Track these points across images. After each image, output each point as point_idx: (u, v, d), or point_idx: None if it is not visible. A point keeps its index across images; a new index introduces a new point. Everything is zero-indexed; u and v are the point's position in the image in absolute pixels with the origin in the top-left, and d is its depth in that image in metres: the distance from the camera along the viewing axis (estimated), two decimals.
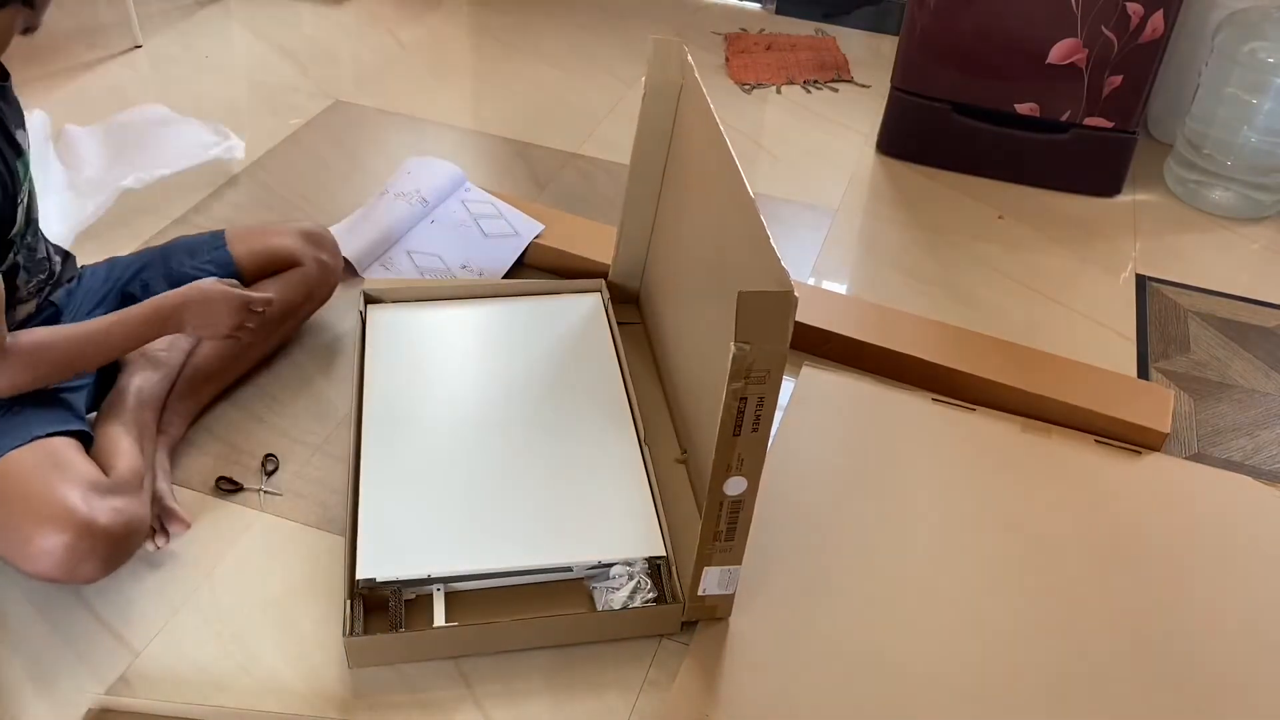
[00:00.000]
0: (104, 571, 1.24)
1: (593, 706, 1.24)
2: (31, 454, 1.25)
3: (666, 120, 1.61)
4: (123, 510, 1.26)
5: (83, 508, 1.21)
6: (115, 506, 1.25)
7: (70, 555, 1.19)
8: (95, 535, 1.21)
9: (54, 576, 1.22)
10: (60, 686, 1.22)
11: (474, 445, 1.49)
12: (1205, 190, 2.30)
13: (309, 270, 1.64)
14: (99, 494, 1.24)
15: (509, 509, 1.39)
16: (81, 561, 1.21)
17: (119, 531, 1.24)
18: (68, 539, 1.19)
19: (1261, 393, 1.81)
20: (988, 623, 1.37)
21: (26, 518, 1.20)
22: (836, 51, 2.83)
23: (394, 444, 1.48)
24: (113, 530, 1.23)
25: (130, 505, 1.28)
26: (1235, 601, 1.42)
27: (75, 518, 1.20)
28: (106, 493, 1.25)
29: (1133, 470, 1.61)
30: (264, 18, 2.79)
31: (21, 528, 1.20)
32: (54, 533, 1.19)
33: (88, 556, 1.21)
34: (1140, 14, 2.09)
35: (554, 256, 1.92)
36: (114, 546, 1.23)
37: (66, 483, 1.23)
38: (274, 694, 1.23)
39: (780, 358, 1.08)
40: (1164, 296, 2.03)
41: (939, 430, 1.66)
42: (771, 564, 1.40)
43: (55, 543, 1.19)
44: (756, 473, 1.17)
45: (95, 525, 1.21)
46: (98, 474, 1.28)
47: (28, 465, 1.24)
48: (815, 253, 2.07)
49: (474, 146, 2.33)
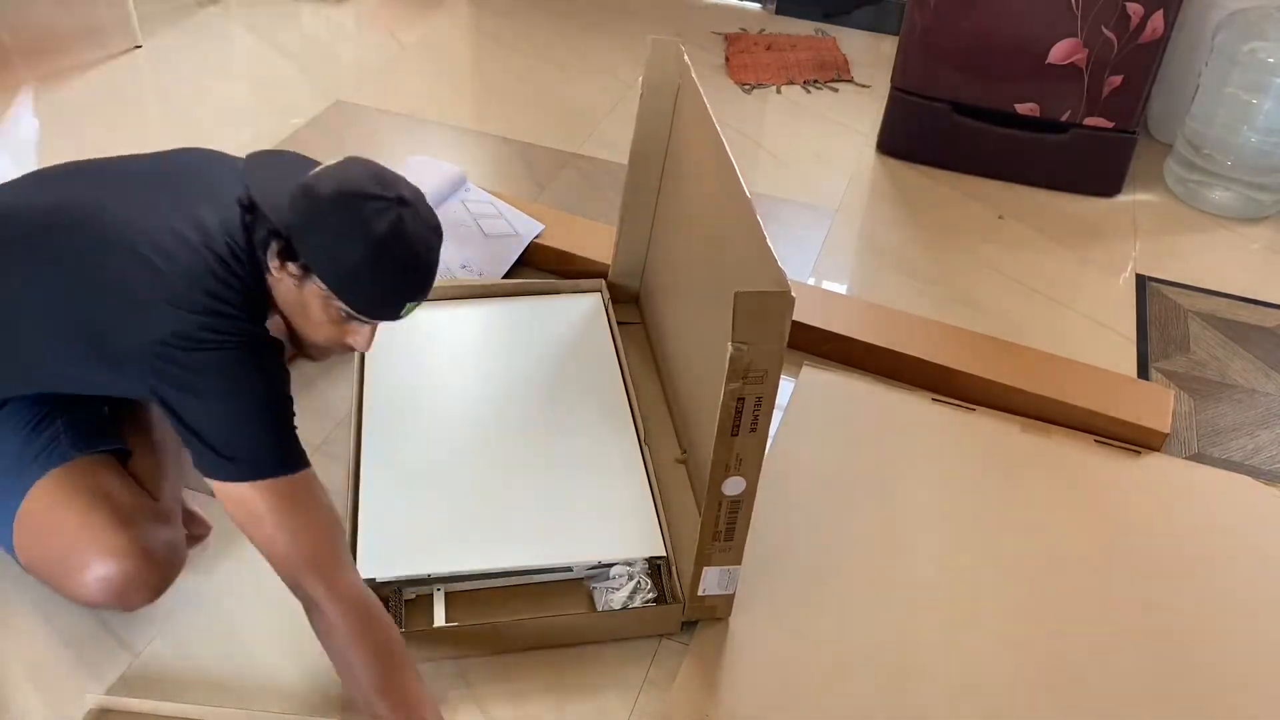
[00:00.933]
0: (152, 599, 1.23)
1: (593, 706, 1.24)
2: (77, 476, 1.22)
3: (664, 120, 1.61)
4: (173, 540, 1.25)
5: (136, 540, 1.19)
6: (166, 537, 1.24)
7: (126, 584, 1.19)
8: (151, 566, 1.20)
9: (104, 603, 1.21)
10: (60, 687, 1.22)
11: (474, 445, 1.49)
12: (1205, 190, 2.30)
13: None
14: (149, 522, 1.23)
15: (509, 509, 1.39)
16: (136, 590, 1.20)
17: (168, 560, 1.23)
18: (120, 569, 1.18)
19: (1261, 393, 1.81)
20: (987, 622, 1.37)
21: (76, 547, 1.18)
22: (836, 51, 2.83)
23: (394, 444, 1.48)
24: (165, 560, 1.22)
25: (178, 534, 1.27)
26: (1235, 601, 1.42)
27: (134, 549, 1.18)
28: (155, 521, 1.24)
29: (1133, 470, 1.61)
30: (264, 18, 2.79)
31: (74, 554, 1.18)
32: (105, 564, 1.17)
33: (142, 586, 1.20)
34: (1140, 14, 2.09)
35: (554, 256, 1.92)
36: (165, 575, 1.23)
37: (115, 511, 1.20)
38: (274, 694, 1.23)
39: (777, 357, 1.08)
40: (1164, 296, 2.03)
41: (939, 430, 1.66)
42: (771, 564, 1.40)
43: (106, 573, 1.17)
44: (755, 473, 1.17)
45: (153, 556, 1.20)
46: (142, 498, 1.26)
47: (71, 490, 1.21)
48: (815, 253, 2.07)
49: (474, 146, 2.33)
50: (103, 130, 2.25)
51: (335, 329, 1.16)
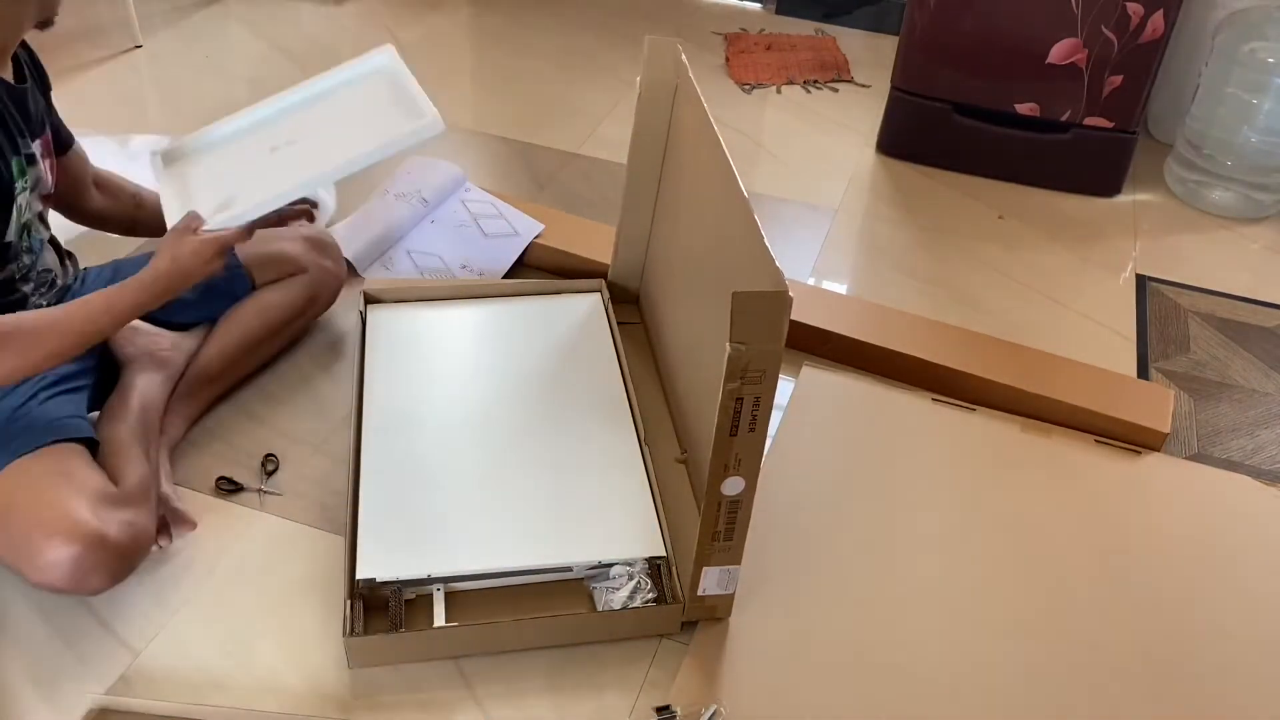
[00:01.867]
0: (110, 583, 1.23)
1: (593, 706, 1.24)
2: (40, 462, 1.25)
3: (662, 120, 1.61)
4: (133, 523, 1.26)
5: (93, 521, 1.20)
6: (125, 519, 1.25)
7: (79, 568, 1.19)
8: (105, 548, 1.20)
9: (61, 588, 1.21)
10: (60, 687, 1.22)
11: (474, 445, 1.49)
12: (1205, 190, 2.30)
13: (313, 276, 1.65)
14: (109, 506, 1.24)
15: (509, 509, 1.39)
16: (90, 574, 1.20)
17: (128, 545, 1.24)
18: (77, 551, 1.18)
19: (1261, 393, 1.81)
20: (987, 622, 1.37)
21: (36, 528, 1.19)
22: (836, 51, 2.83)
23: (394, 444, 1.48)
24: (122, 543, 1.23)
25: (139, 518, 1.28)
26: (1235, 601, 1.42)
27: (85, 530, 1.19)
28: (116, 505, 1.25)
29: (1133, 470, 1.61)
30: (264, 18, 2.80)
31: (31, 538, 1.19)
32: (63, 545, 1.18)
33: (96, 569, 1.21)
34: (1140, 14, 2.09)
35: (554, 256, 1.93)
36: (122, 559, 1.23)
37: (77, 494, 1.22)
38: (274, 694, 1.23)
39: (775, 357, 1.08)
40: (1164, 296, 2.03)
41: (939, 430, 1.66)
42: (771, 564, 1.40)
43: (64, 554, 1.18)
44: (754, 473, 1.17)
45: (106, 538, 1.21)
46: (107, 484, 1.27)
47: (37, 474, 1.23)
48: (815, 253, 2.07)
49: (474, 146, 2.34)
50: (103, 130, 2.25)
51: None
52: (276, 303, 1.62)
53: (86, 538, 1.19)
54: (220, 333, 1.58)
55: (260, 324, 1.60)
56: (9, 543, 1.22)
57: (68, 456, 1.27)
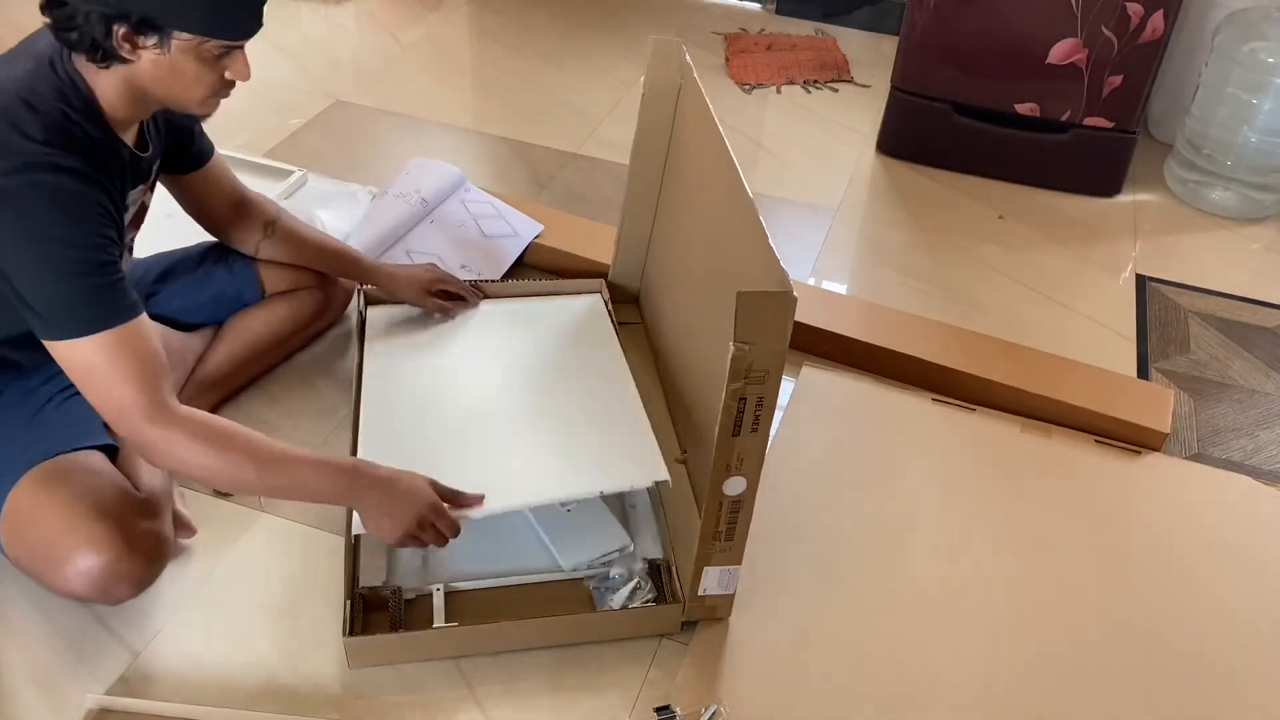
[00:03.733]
0: (136, 592, 1.22)
1: (593, 706, 1.24)
2: (63, 469, 1.23)
3: (665, 121, 1.61)
4: (156, 533, 1.25)
5: (123, 532, 1.19)
6: (150, 528, 1.24)
7: (107, 577, 1.18)
8: (134, 558, 1.20)
9: (87, 596, 1.21)
10: (61, 687, 1.22)
11: (473, 446, 1.48)
12: (1205, 190, 2.30)
13: (325, 290, 1.67)
14: (135, 515, 1.23)
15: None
16: (117, 583, 1.20)
17: (154, 554, 1.23)
18: (105, 560, 1.18)
19: (1261, 393, 1.81)
20: (987, 622, 1.37)
21: (63, 537, 1.18)
22: (836, 51, 2.83)
23: (393, 444, 1.47)
24: (149, 553, 1.22)
25: (163, 527, 1.27)
26: (1235, 601, 1.42)
27: (116, 541, 1.18)
28: (141, 514, 1.24)
29: (1133, 470, 1.61)
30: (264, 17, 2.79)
31: (57, 546, 1.18)
32: (93, 554, 1.17)
33: (124, 579, 1.20)
34: (1140, 14, 2.09)
35: (554, 256, 1.92)
36: (148, 568, 1.23)
37: (104, 503, 1.20)
38: (274, 694, 1.23)
39: (779, 358, 1.08)
40: (1164, 296, 2.03)
41: (939, 430, 1.66)
42: (771, 564, 1.40)
43: (92, 564, 1.17)
44: (756, 473, 1.17)
45: (135, 548, 1.20)
46: (130, 491, 1.26)
47: (60, 481, 1.21)
48: (815, 253, 2.07)
49: (474, 146, 2.34)
50: None
51: (212, 73, 1.19)
52: (285, 313, 1.62)
53: (117, 548, 1.18)
54: (228, 339, 1.58)
55: (268, 332, 1.60)
56: (31, 551, 1.21)
57: (90, 464, 1.25)
